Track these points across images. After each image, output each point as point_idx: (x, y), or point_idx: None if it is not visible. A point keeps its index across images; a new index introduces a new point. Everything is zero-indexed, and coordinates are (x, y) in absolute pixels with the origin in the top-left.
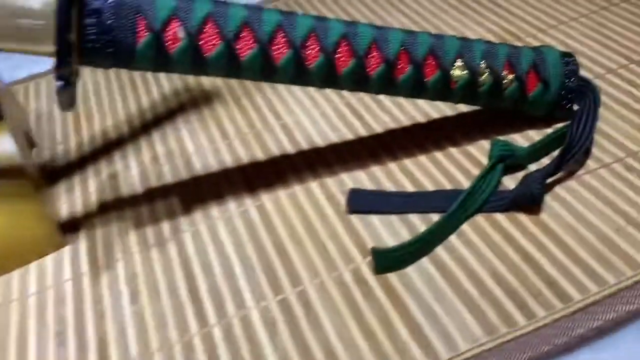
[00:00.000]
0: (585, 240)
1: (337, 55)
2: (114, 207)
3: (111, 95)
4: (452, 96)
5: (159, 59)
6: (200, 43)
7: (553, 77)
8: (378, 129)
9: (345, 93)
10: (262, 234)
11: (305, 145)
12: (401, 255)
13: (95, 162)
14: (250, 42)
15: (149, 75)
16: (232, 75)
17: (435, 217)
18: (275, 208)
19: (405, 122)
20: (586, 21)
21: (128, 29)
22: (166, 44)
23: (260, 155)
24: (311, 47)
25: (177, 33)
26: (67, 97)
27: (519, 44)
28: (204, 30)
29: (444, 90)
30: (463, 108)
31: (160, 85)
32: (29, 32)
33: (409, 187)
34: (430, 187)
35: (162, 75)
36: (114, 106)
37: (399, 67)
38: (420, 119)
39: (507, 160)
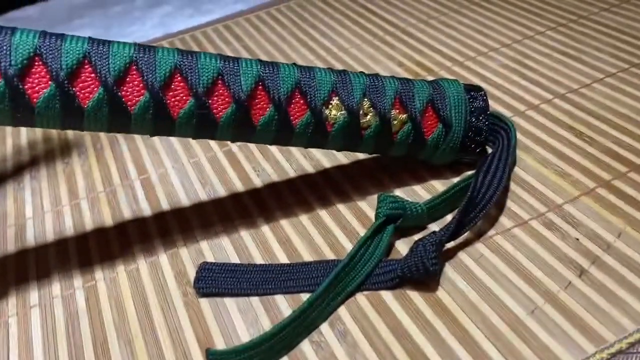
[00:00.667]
0: (492, 326)
1: (169, 94)
2: None
3: None
4: (330, 142)
5: (17, 108)
6: (74, 90)
7: (456, 115)
8: (257, 183)
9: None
10: (84, 325)
11: (165, 206)
12: (248, 358)
13: None
14: (140, 87)
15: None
16: (114, 128)
17: (306, 297)
18: (109, 290)
19: (291, 173)
20: (507, 51)
21: None
22: (28, 92)
23: (107, 221)
24: (176, 87)
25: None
26: None
27: (431, 78)
28: (80, 74)
29: (318, 135)
30: (359, 155)
31: (17, 137)
32: None
33: (282, 257)
34: (307, 255)
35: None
36: None
37: (256, 107)
38: (309, 168)
39: (398, 221)
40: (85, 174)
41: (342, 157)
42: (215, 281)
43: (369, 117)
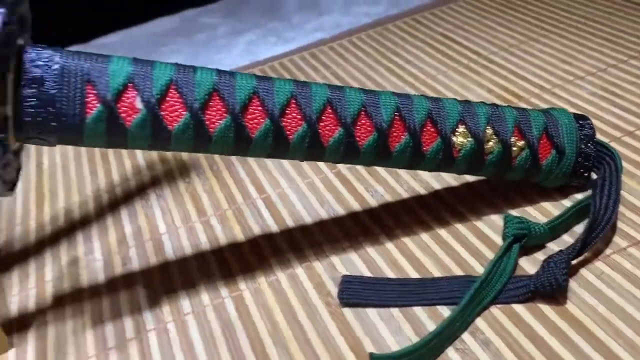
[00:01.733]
0: (629, 340)
1: (321, 124)
2: (71, 299)
3: (79, 168)
4: (455, 166)
5: (112, 133)
6: (162, 114)
7: (568, 142)
8: (372, 202)
9: None
10: (239, 332)
11: (290, 223)
12: None
13: (55, 245)
14: (221, 111)
15: None
16: (198, 149)
17: (443, 309)
18: (255, 299)
19: (404, 194)
20: (593, 79)
21: (75, 100)
22: (121, 116)
23: (239, 236)
24: (291, 115)
25: (134, 103)
26: (5, 180)
27: (522, 104)
28: (167, 99)
29: (445, 160)
30: (468, 177)
31: (134, 157)
32: None
33: (411, 272)
34: (435, 271)
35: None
36: (81, 181)
37: (393, 135)
38: (420, 190)
39: (523, 240)
40: (208, 193)
41: (451, 179)
42: (357, 293)
43: (491, 143)
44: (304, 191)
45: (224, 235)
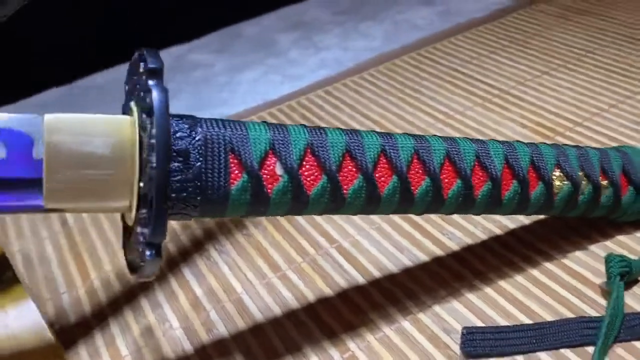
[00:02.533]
0: None
1: (442, 177)
2: None
3: (113, 224)
4: (553, 210)
5: (255, 202)
6: (301, 179)
7: None
8: (452, 245)
9: None
10: None
11: (374, 272)
12: None
13: (117, 314)
14: (354, 171)
15: None
16: (331, 211)
17: (567, 353)
18: (371, 358)
19: (480, 235)
20: (618, 111)
21: (219, 171)
22: (264, 184)
23: (326, 290)
24: (416, 170)
25: (275, 170)
26: (153, 267)
27: (561, 139)
28: (304, 163)
29: (546, 203)
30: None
31: None
32: (94, 185)
33: (522, 317)
34: (543, 313)
35: None
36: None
37: (503, 183)
38: (495, 230)
39: (625, 277)
40: (275, 246)
41: (522, 217)
42: (480, 344)
43: (582, 184)
44: (376, 238)
45: (308, 290)
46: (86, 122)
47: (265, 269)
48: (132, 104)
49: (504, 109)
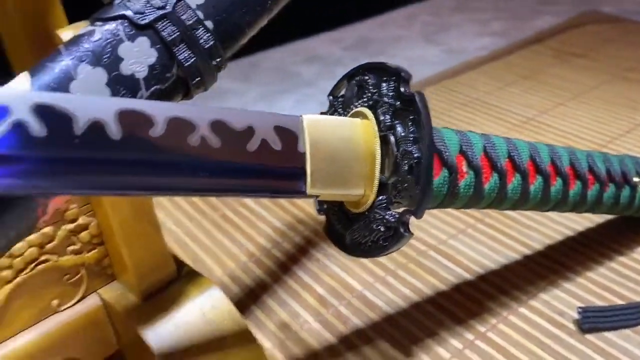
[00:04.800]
0: None
1: (569, 179)
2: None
3: (214, 239)
4: (632, 208)
5: (448, 194)
6: (481, 175)
7: None
8: (535, 245)
9: (475, 211)
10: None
11: (477, 268)
12: None
13: (247, 311)
14: (511, 171)
15: (262, 210)
16: (490, 205)
17: None
18: (500, 337)
19: (556, 235)
20: (630, 139)
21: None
22: (458, 178)
23: (437, 283)
24: (549, 171)
25: (462, 167)
26: (404, 242)
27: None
28: (481, 162)
29: (629, 203)
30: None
31: (266, 221)
32: (342, 176)
33: (615, 300)
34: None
35: (268, 211)
36: (222, 247)
37: (605, 185)
38: (569, 229)
39: None
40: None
41: (596, 218)
42: (594, 320)
43: None
44: (468, 242)
45: (423, 285)
46: (336, 123)
47: (376, 270)
48: (363, 109)
49: (538, 133)
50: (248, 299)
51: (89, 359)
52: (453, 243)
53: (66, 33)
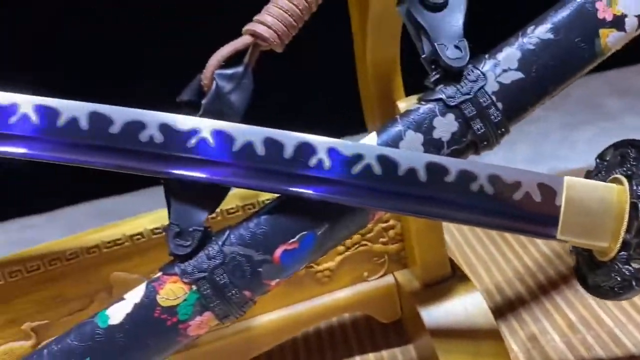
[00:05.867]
0: None
1: None
2: None
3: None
4: None
5: None
6: None
7: None
8: None
9: None
10: None
11: None
12: None
13: (503, 318)
14: None
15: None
16: None
17: None
18: None
19: None
20: None
21: None
22: None
23: None
24: None
25: None
26: (635, 294)
27: None
28: None
29: None
30: None
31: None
32: (589, 228)
33: None
34: None
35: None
36: (496, 261)
37: None
38: None
39: None
40: None
41: None
42: None
43: None
44: None
45: None
46: (592, 186)
47: (631, 312)
48: (621, 177)
49: None
50: (506, 308)
51: (379, 317)
52: None
53: (401, 104)
